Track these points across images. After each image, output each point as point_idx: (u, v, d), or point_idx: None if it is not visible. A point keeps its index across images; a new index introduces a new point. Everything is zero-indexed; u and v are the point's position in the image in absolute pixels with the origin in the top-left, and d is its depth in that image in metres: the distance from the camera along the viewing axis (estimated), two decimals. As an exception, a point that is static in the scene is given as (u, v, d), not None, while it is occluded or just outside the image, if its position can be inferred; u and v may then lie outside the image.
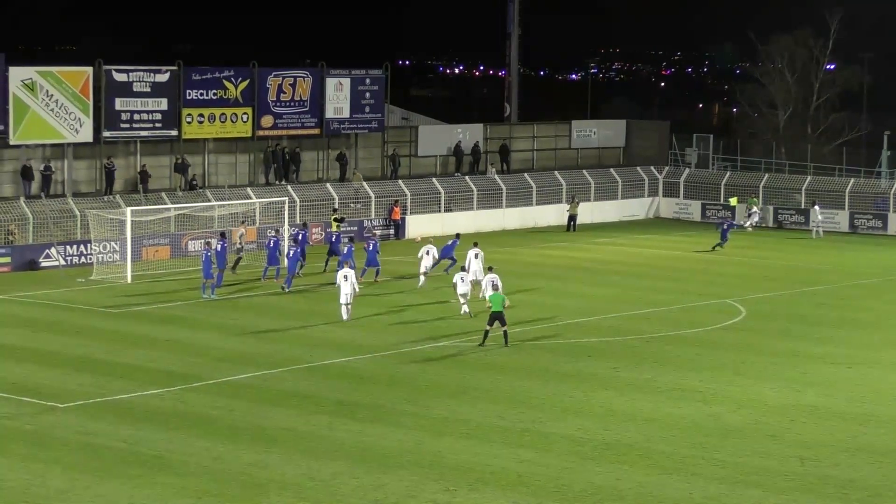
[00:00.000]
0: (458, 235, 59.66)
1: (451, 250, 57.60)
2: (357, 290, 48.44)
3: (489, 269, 48.90)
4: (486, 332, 44.06)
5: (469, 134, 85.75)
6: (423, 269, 55.34)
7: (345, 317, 47.97)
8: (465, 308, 49.31)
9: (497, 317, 43.74)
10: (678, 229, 79.95)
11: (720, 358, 43.51)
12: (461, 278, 49.47)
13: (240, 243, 60.31)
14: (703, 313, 51.73)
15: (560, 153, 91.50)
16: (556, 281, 58.54)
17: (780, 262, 66.42)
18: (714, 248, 68.30)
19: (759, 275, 61.93)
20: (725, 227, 69.45)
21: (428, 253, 55.51)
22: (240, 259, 59.21)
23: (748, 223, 78.90)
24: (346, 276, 48.05)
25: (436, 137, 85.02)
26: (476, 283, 50.84)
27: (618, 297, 54.86)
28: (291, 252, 55.21)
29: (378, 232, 68.15)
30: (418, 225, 71.74)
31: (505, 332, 44.00)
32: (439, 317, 49.66)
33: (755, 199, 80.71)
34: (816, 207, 77.46)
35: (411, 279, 56.68)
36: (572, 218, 77.79)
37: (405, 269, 59.12)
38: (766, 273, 62.65)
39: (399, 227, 72.38)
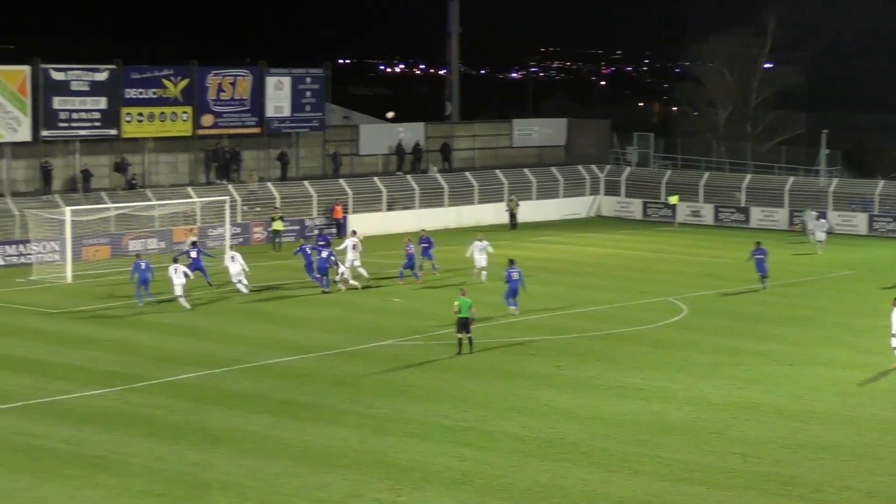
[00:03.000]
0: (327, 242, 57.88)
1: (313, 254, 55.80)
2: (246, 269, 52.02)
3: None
4: (460, 341, 43.17)
5: (410, 133, 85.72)
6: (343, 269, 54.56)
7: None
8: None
9: (463, 323, 43.06)
10: (619, 228, 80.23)
11: (662, 356, 43.66)
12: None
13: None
14: (645, 311, 51.92)
15: (501, 152, 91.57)
16: (498, 280, 58.49)
17: (721, 261, 66.72)
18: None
19: (701, 273, 62.20)
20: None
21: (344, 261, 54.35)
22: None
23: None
24: (232, 257, 51.70)
25: (377, 136, 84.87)
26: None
27: (560, 296, 54.97)
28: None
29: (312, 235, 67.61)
30: (360, 224, 71.59)
31: (470, 339, 43.25)
32: (383, 315, 49.62)
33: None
34: (818, 217, 72.91)
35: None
36: (513, 215, 78.03)
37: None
38: (709, 271, 62.93)
39: (341, 227, 72.18)
